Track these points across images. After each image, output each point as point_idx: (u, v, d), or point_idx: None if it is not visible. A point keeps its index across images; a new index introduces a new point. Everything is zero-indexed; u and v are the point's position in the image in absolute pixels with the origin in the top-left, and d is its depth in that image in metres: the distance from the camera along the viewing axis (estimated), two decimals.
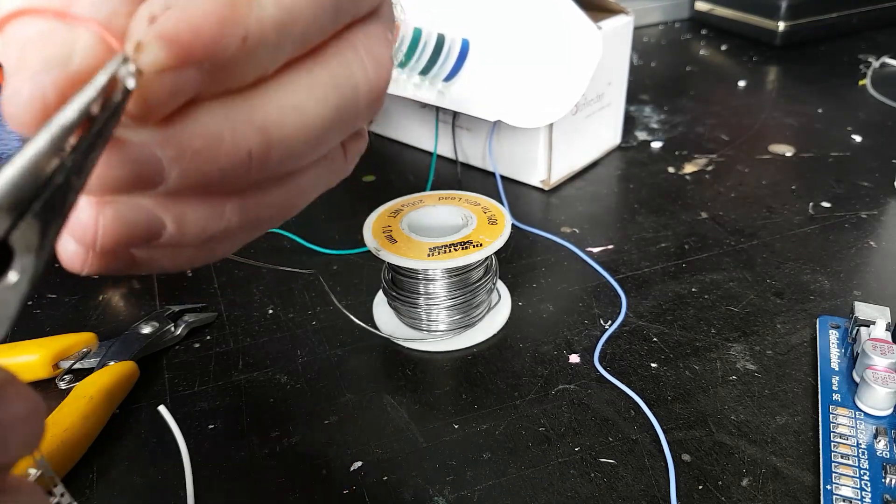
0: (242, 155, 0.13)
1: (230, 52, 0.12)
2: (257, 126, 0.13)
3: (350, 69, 0.15)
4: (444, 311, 0.32)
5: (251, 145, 0.13)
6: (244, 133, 0.13)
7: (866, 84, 0.61)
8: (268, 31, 0.12)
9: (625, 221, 0.42)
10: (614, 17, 0.45)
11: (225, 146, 0.13)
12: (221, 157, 0.13)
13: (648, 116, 0.57)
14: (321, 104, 0.14)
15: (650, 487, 0.25)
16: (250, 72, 0.13)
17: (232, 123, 0.13)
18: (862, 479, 0.24)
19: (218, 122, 0.13)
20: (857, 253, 0.38)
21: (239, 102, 0.13)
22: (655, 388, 0.30)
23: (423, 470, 0.26)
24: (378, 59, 0.15)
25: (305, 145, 0.14)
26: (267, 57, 0.13)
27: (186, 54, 0.12)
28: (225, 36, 0.12)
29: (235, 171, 0.13)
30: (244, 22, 0.12)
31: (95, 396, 0.28)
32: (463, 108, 0.42)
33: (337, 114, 0.14)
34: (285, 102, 0.14)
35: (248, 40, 0.12)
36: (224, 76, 0.13)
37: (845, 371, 0.29)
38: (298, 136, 0.14)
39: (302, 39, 0.14)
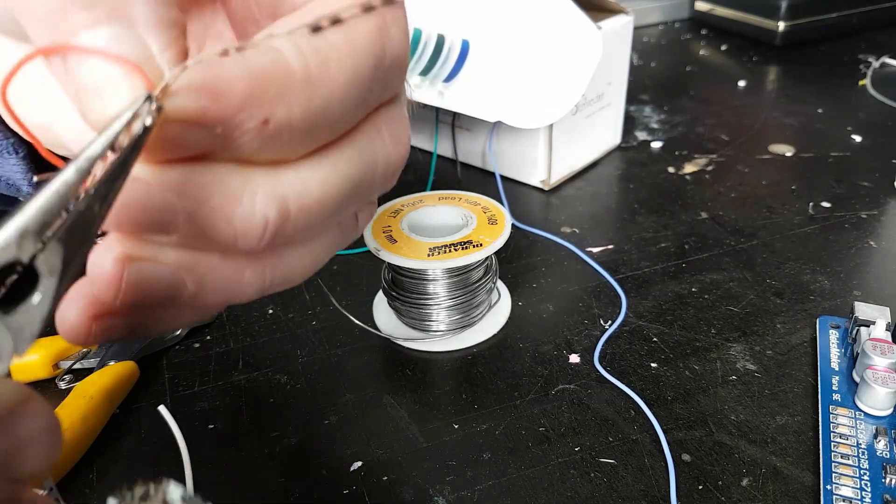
0: (258, 221, 0.13)
1: (247, 126, 0.12)
2: (278, 196, 0.13)
3: (373, 148, 0.15)
4: (444, 311, 0.32)
5: (269, 213, 0.13)
6: (263, 200, 0.13)
7: (866, 84, 0.61)
8: (295, 121, 0.13)
9: (625, 221, 0.42)
10: (614, 17, 0.45)
11: (241, 209, 0.13)
12: (237, 218, 0.13)
13: (648, 116, 0.57)
14: (342, 180, 0.15)
15: (650, 487, 0.25)
16: (273, 151, 0.13)
17: (252, 188, 0.13)
18: (862, 479, 0.24)
19: (236, 184, 0.13)
20: (857, 253, 0.38)
21: (262, 171, 0.13)
22: (655, 388, 0.30)
23: (423, 470, 0.26)
24: (398, 139, 0.16)
25: (322, 217, 0.15)
26: (292, 142, 0.13)
27: (204, 110, 0.12)
28: (245, 108, 0.12)
29: (250, 234, 0.13)
30: (269, 105, 0.12)
31: (95, 396, 0.28)
32: (463, 108, 0.42)
33: (356, 189, 0.15)
34: (309, 177, 0.14)
35: (271, 124, 0.13)
36: (241, 146, 0.13)
37: (845, 371, 0.29)
38: (317, 208, 0.14)
39: (331, 131, 0.14)
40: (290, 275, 0.16)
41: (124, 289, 0.13)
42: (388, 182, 0.16)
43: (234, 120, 0.12)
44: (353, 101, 0.14)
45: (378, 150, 0.15)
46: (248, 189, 0.13)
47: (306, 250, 0.16)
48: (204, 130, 0.12)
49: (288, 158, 0.14)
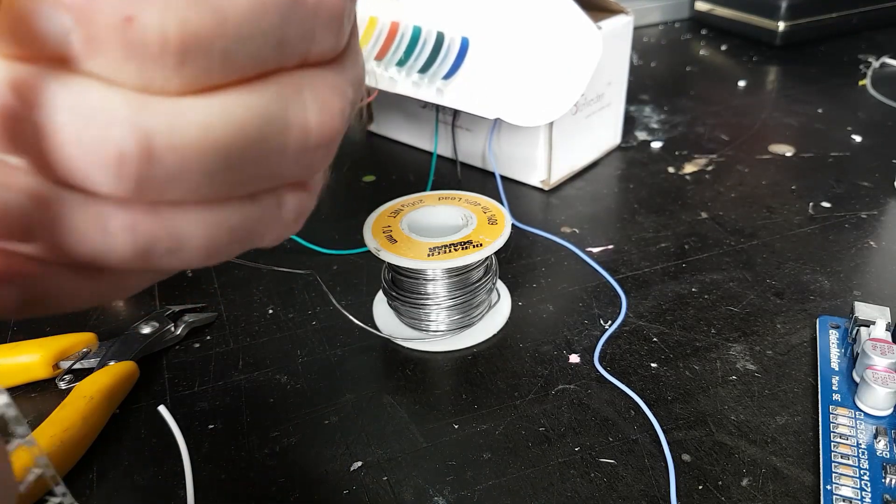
0: (111, 150, 0.11)
1: (104, 18, 0.10)
2: (141, 126, 0.11)
3: (284, 107, 0.13)
4: (444, 311, 0.32)
5: (125, 144, 0.11)
6: (122, 128, 0.11)
7: (866, 84, 0.61)
8: (170, 33, 0.11)
9: (625, 221, 0.42)
10: (614, 17, 0.45)
11: (92, 132, 0.11)
12: (85, 142, 0.11)
13: (648, 116, 0.57)
14: (233, 128, 0.12)
15: (650, 487, 0.25)
16: (141, 71, 0.11)
17: (110, 109, 0.11)
18: (862, 479, 0.24)
19: (90, 101, 0.11)
20: (857, 253, 0.38)
21: (128, 94, 0.11)
22: (655, 388, 0.30)
23: (423, 470, 0.26)
24: (325, 108, 0.13)
25: (204, 171, 0.12)
26: (165, 64, 0.11)
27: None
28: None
29: (102, 167, 0.11)
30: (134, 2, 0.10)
31: (95, 396, 0.28)
32: (462, 106, 0.42)
33: (253, 146, 0.12)
34: (186, 112, 0.11)
35: (136, 25, 0.10)
36: (100, 51, 0.10)
37: (845, 371, 0.29)
38: (195, 155, 0.12)
39: (220, 65, 0.11)
40: (178, 244, 0.13)
41: None
42: (308, 158, 0.13)
43: (90, 5, 0.10)
44: (255, 33, 0.11)
45: (292, 111, 0.13)
46: (104, 109, 0.11)
47: (199, 218, 0.13)
48: (53, 14, 0.10)
49: (162, 88, 0.11)
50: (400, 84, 0.42)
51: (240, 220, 0.14)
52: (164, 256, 0.13)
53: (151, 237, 0.12)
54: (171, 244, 0.13)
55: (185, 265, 0.13)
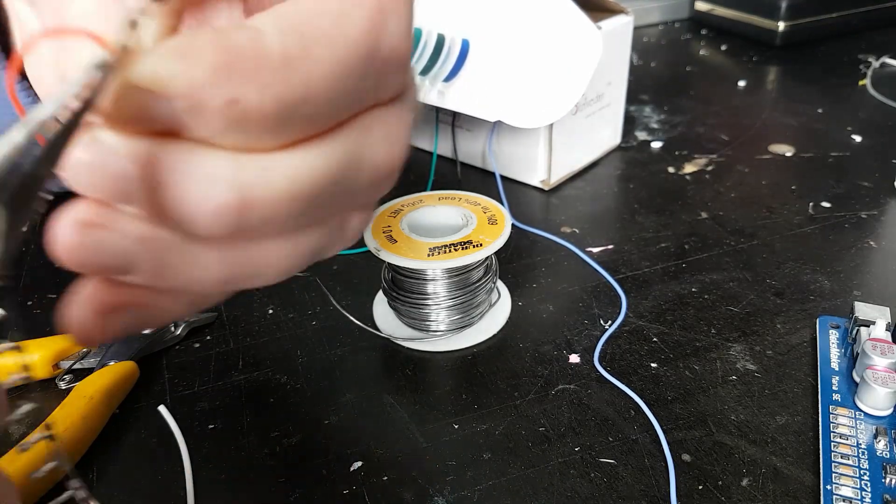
0: (213, 206, 0.12)
1: (213, 104, 0.12)
2: (239, 183, 0.13)
3: (358, 149, 0.14)
4: (444, 311, 0.32)
5: (226, 199, 0.12)
6: (222, 186, 0.12)
7: (866, 84, 0.61)
8: (267, 106, 0.12)
9: (625, 221, 0.42)
10: (614, 17, 0.45)
11: (197, 192, 0.12)
12: (192, 200, 0.12)
13: (648, 116, 0.57)
14: (316, 176, 0.13)
15: (650, 487, 0.25)
16: (242, 137, 0.12)
17: (212, 171, 0.12)
18: (862, 479, 0.24)
19: (196, 165, 0.12)
20: (857, 253, 0.38)
21: (227, 155, 0.13)
22: (655, 388, 0.30)
23: (423, 470, 0.26)
24: (391, 142, 0.15)
25: (292, 213, 0.14)
26: (264, 130, 0.12)
27: (168, 78, 0.11)
28: (212, 84, 0.11)
29: (205, 219, 0.13)
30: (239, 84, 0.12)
31: (95, 396, 0.28)
32: (463, 108, 0.42)
33: (332, 188, 0.14)
34: (278, 167, 0.13)
35: (240, 106, 0.12)
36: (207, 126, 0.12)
37: (845, 371, 0.29)
38: (284, 203, 0.13)
39: (309, 123, 0.13)
40: (258, 271, 0.15)
41: (80, 254, 0.13)
42: (377, 188, 0.15)
43: (199, 95, 0.12)
44: (337, 94, 0.13)
45: (365, 151, 0.14)
46: (208, 171, 0.12)
47: (278, 248, 0.15)
48: (167, 102, 0.12)
49: (258, 147, 0.13)
50: None
51: (312, 245, 0.15)
52: (245, 282, 0.15)
53: (237, 268, 0.14)
54: (253, 271, 0.15)
55: (260, 285, 0.15)
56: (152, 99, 0.12)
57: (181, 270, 0.14)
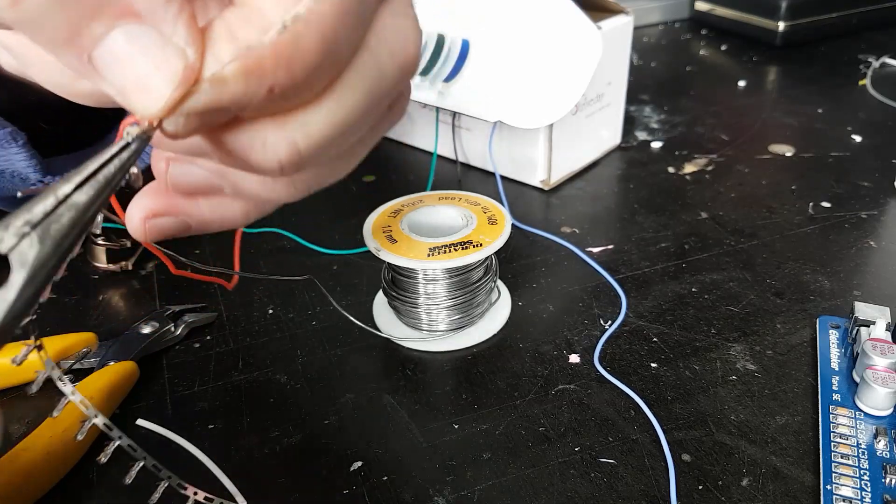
0: (273, 163, 0.15)
1: (256, 101, 0.13)
2: (287, 140, 0.15)
3: (378, 63, 0.15)
4: (444, 311, 0.32)
5: (281, 156, 0.15)
6: (274, 147, 0.15)
7: (866, 84, 0.61)
8: (298, 76, 0.13)
9: (625, 221, 0.42)
10: (614, 16, 0.45)
11: (257, 156, 0.15)
12: (255, 163, 0.15)
13: (648, 116, 0.57)
14: (353, 110, 0.15)
15: (650, 487, 0.25)
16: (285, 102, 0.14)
17: (263, 136, 0.15)
18: (862, 479, 0.24)
19: (249, 137, 0.15)
20: (857, 253, 0.38)
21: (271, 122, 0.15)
22: (655, 388, 0.30)
23: (423, 470, 0.26)
24: (403, 36, 0.16)
25: (339, 141, 0.15)
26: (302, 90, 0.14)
27: (214, 104, 0.13)
28: (248, 90, 0.13)
29: (269, 174, 0.15)
30: (270, 77, 0.13)
31: (95, 396, 0.28)
32: (463, 108, 0.42)
33: (367, 105, 0.15)
34: (315, 119, 0.15)
35: (276, 90, 0.13)
36: (253, 110, 0.14)
37: (845, 371, 0.29)
38: (329, 139, 0.15)
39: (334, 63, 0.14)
40: (326, 179, 0.17)
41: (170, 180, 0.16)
42: (403, 79, 0.16)
43: (242, 101, 0.13)
44: (347, 30, 0.14)
45: (383, 58, 0.15)
46: (259, 138, 0.15)
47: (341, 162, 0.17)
48: (219, 114, 0.14)
49: (303, 104, 0.15)
50: None
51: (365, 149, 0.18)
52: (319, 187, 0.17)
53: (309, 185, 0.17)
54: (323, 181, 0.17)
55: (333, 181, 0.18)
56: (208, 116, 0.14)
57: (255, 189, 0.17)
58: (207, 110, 0.13)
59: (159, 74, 0.13)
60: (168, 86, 0.13)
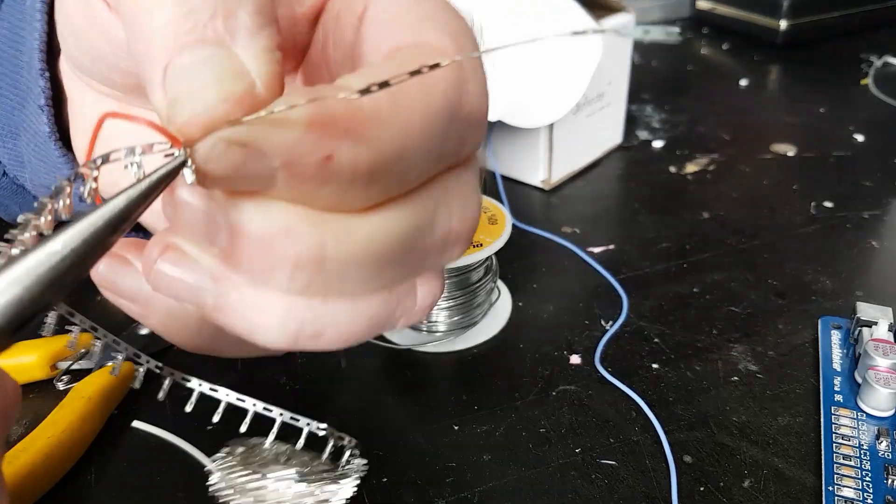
0: (288, 257, 0.13)
1: (309, 160, 0.12)
2: (317, 240, 0.13)
3: (434, 210, 0.14)
4: (445, 311, 0.32)
5: (301, 253, 0.13)
6: (299, 239, 0.13)
7: (868, 83, 0.61)
8: (361, 162, 0.12)
9: (626, 221, 0.42)
10: (615, 15, 0.45)
11: (276, 242, 0.13)
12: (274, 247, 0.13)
13: (649, 116, 0.57)
14: (394, 236, 0.14)
15: (651, 489, 0.25)
16: (333, 197, 0.13)
17: (292, 224, 0.13)
18: (864, 480, 0.24)
19: (278, 217, 0.13)
20: (860, 253, 0.38)
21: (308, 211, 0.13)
22: (657, 388, 0.29)
23: (423, 471, 0.26)
24: (466, 203, 0.15)
25: (362, 272, 0.14)
26: (355, 189, 0.13)
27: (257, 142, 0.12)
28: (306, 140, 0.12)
29: (278, 268, 0.13)
30: (334, 141, 0.12)
31: (94, 397, 0.28)
32: None
33: (406, 252, 0.14)
34: (356, 227, 0.13)
35: (334, 162, 0.12)
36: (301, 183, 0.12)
37: (847, 372, 0.29)
38: (358, 261, 0.13)
39: (399, 182, 0.13)
40: (321, 329, 0.14)
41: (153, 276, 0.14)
42: (447, 252, 0.15)
43: (296, 150, 0.12)
44: (424, 151, 0.13)
45: (440, 213, 0.14)
46: (287, 224, 0.13)
47: (343, 310, 0.14)
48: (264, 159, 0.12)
49: (344, 207, 0.13)
50: None
51: (377, 311, 0.15)
52: (306, 340, 0.14)
53: (303, 325, 0.14)
54: (315, 330, 0.14)
55: (321, 349, 0.15)
56: (250, 157, 0.12)
57: (241, 311, 0.14)
58: (254, 146, 0.12)
59: (214, 87, 0.12)
60: (217, 96, 0.12)
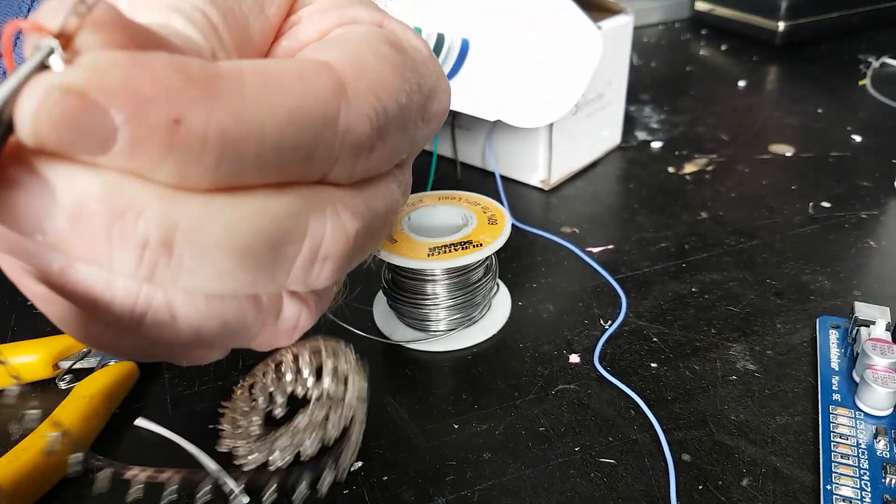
0: (138, 243, 0.12)
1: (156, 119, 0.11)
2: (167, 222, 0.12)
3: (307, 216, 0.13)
4: (444, 311, 0.32)
5: (150, 238, 0.12)
6: (147, 223, 0.12)
7: (866, 84, 0.61)
8: (212, 135, 0.11)
9: (625, 221, 0.42)
10: (614, 16, 0.45)
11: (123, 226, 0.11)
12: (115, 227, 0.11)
13: (648, 116, 0.57)
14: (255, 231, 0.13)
15: (650, 487, 0.25)
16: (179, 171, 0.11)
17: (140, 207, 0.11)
18: (862, 479, 0.24)
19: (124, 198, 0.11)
20: (858, 253, 0.38)
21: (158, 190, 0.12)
22: (655, 388, 0.30)
23: (423, 470, 0.26)
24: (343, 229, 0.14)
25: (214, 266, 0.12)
26: (202, 165, 0.11)
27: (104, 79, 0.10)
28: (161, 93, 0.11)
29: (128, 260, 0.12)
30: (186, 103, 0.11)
31: (95, 396, 0.28)
32: (462, 108, 0.42)
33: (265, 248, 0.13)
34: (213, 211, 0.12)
35: (182, 128, 0.11)
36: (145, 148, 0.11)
37: (845, 371, 0.29)
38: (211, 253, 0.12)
39: (256, 171, 0.12)
40: (166, 318, 0.13)
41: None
42: (313, 269, 0.14)
43: (144, 106, 0.10)
44: (286, 146, 0.12)
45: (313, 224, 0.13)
46: (135, 201, 0.11)
47: (193, 302, 0.14)
48: (101, 115, 0.10)
49: (194, 186, 0.12)
50: None
51: (234, 315, 0.14)
52: (152, 326, 0.14)
53: (146, 306, 0.13)
54: (162, 318, 0.13)
55: (171, 341, 0.14)
56: (85, 108, 0.10)
57: (90, 289, 0.13)
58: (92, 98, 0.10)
59: None
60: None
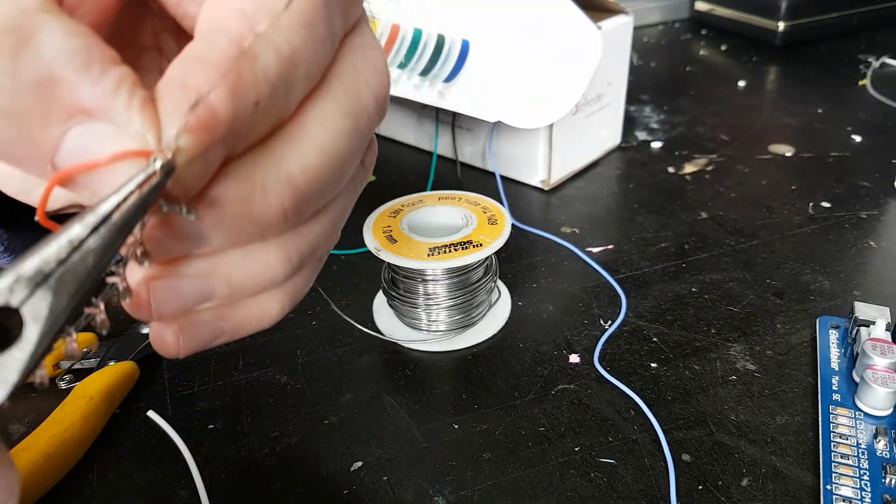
0: (276, 210, 0.14)
1: (247, 118, 0.13)
2: (284, 178, 0.14)
3: (356, 90, 0.15)
4: (444, 311, 0.32)
5: (283, 199, 0.14)
6: (275, 189, 0.13)
7: (866, 84, 0.61)
8: (276, 85, 0.13)
9: (625, 221, 0.42)
10: (614, 17, 0.45)
11: (258, 205, 0.13)
12: (256, 215, 0.13)
13: (648, 116, 0.57)
14: (339, 135, 0.14)
15: (650, 487, 0.25)
16: (267, 123, 0.13)
17: (261, 179, 0.13)
18: (862, 479, 0.24)
19: (247, 184, 0.13)
20: (857, 253, 0.38)
21: (262, 159, 0.13)
22: (655, 388, 0.30)
23: (423, 470, 0.26)
24: (376, 67, 0.15)
25: (333, 179, 0.15)
26: (279, 106, 0.13)
27: (211, 139, 0.12)
28: (239, 108, 0.12)
29: (273, 224, 0.14)
30: (253, 88, 0.12)
31: (96, 396, 0.28)
32: (463, 108, 0.42)
33: (354, 137, 0.15)
34: (305, 147, 0.14)
35: (260, 102, 0.13)
36: (244, 137, 0.13)
37: (845, 371, 0.29)
38: (325, 173, 0.14)
39: (307, 78, 0.14)
40: (315, 245, 0.16)
41: (156, 307, 0.14)
42: (380, 115, 0.16)
43: (238, 117, 0.12)
44: (318, 42, 0.14)
45: (361, 88, 0.15)
46: (257, 182, 0.13)
47: (325, 217, 0.16)
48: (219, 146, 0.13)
49: (282, 118, 0.14)
50: (401, 87, 0.42)
51: (348, 200, 0.17)
52: (309, 262, 0.16)
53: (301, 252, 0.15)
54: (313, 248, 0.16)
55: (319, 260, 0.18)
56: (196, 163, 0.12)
57: (251, 277, 0.15)
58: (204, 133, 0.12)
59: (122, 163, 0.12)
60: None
